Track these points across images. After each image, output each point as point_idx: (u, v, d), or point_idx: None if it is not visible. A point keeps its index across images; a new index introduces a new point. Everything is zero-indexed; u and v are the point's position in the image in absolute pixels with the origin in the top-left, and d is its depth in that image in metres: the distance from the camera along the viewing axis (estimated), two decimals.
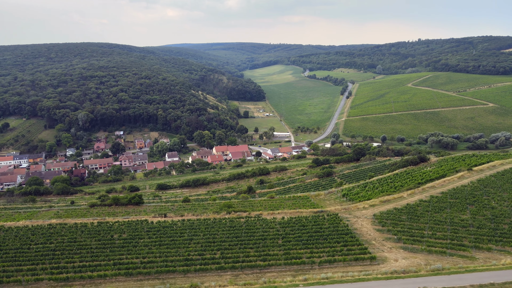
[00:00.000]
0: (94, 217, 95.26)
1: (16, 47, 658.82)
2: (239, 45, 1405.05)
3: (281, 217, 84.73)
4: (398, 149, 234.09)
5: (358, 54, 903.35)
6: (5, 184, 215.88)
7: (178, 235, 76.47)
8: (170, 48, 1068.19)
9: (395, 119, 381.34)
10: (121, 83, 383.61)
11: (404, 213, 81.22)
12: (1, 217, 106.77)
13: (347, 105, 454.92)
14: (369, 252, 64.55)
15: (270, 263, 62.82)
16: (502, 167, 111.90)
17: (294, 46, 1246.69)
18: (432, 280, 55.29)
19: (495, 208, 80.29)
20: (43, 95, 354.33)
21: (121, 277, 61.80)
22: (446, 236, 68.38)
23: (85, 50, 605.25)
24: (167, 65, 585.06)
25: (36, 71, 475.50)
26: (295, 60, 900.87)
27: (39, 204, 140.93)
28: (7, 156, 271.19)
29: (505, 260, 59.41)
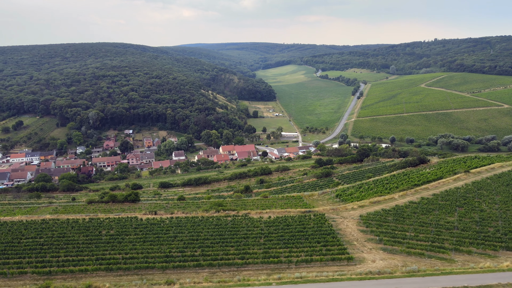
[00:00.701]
0: (88, 213, 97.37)
1: (34, 47, 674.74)
2: (253, 45, 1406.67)
3: (268, 216, 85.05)
4: (404, 151, 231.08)
5: (372, 54, 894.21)
6: (16, 180, 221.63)
7: (163, 232, 77.60)
8: (184, 48, 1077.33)
9: (405, 120, 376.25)
10: (132, 83, 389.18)
11: (391, 215, 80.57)
12: (1, 212, 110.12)
13: (358, 106, 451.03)
14: (347, 252, 64.38)
15: (248, 262, 63.31)
16: (501, 169, 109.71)
17: (308, 46, 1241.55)
18: (405, 282, 54.95)
19: (484, 211, 78.88)
20: (56, 94, 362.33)
21: (102, 272, 63.21)
22: (428, 238, 67.64)
23: (100, 50, 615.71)
24: (179, 64, 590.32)
25: (51, 70, 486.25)
26: (308, 60, 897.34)
27: (42, 200, 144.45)
28: (19, 153, 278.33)
29: (483, 264, 58.49)
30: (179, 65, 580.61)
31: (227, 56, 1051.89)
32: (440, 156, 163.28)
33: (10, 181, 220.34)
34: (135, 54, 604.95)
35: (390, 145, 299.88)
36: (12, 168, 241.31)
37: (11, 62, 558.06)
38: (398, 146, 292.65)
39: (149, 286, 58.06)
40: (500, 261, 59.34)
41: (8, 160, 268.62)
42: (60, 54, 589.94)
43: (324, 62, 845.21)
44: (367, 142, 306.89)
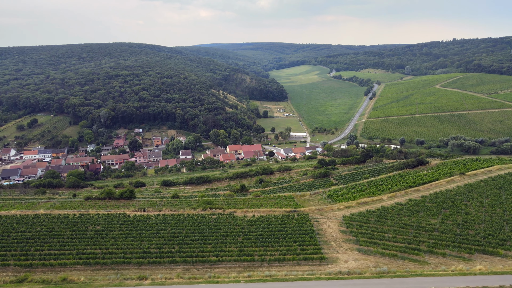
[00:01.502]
0: (80, 209, 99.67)
1: (52, 47, 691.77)
2: (268, 45, 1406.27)
3: (252, 215, 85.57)
4: (411, 152, 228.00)
5: (388, 54, 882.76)
6: (26, 176, 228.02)
7: (147, 229, 79.05)
8: (199, 48, 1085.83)
9: (417, 121, 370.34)
10: (143, 82, 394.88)
11: (374, 216, 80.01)
12: (2, 207, 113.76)
13: (369, 106, 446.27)
14: (321, 252, 64.43)
15: (222, 259, 64.04)
16: (497, 172, 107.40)
17: (323, 46, 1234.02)
18: (373, 283, 54.76)
19: (470, 213, 77.51)
20: (70, 93, 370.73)
21: (80, 266, 64.99)
22: (406, 239, 67.03)
23: (115, 50, 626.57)
24: (192, 64, 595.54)
25: (67, 70, 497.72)
26: (322, 60, 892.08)
27: (47, 196, 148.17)
28: (32, 150, 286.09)
29: (455, 267, 57.71)
30: (192, 65, 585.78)
31: (242, 56, 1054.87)
32: (442, 158, 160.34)
33: (21, 177, 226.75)
34: (149, 54, 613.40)
35: (400, 147, 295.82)
36: (24, 165, 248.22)
37: (29, 62, 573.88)
38: (408, 148, 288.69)
39: (122, 280, 59.43)
40: (474, 265, 58.39)
41: (22, 157, 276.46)
42: (77, 54, 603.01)
43: (338, 62, 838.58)
44: (376, 143, 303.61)
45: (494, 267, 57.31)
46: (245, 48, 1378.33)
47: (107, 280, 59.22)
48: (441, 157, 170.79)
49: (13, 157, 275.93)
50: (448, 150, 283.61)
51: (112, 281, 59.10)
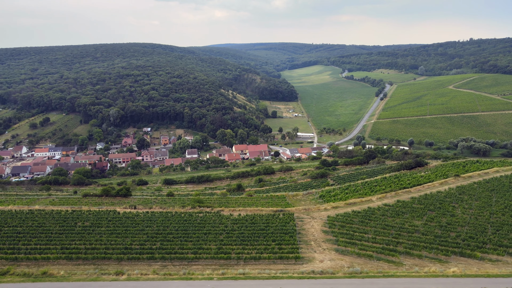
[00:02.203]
0: (77, 205, 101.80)
1: (68, 48, 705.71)
2: (281, 45, 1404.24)
3: (238, 214, 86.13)
4: (416, 153, 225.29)
5: (402, 54, 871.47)
6: (36, 173, 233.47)
7: (133, 225, 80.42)
8: (212, 48, 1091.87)
9: (428, 123, 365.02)
10: (153, 82, 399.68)
11: (359, 216, 79.64)
12: (3, 202, 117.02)
13: (380, 107, 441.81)
14: (297, 251, 64.59)
15: (199, 256, 64.81)
16: (494, 174, 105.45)
17: (336, 47, 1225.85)
18: (343, 282, 54.71)
19: (455, 215, 76.43)
20: (82, 92, 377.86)
21: (62, 260, 66.61)
22: (385, 240, 66.58)
23: (128, 50, 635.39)
24: (203, 64, 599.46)
25: (81, 69, 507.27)
26: (335, 60, 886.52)
27: (49, 193, 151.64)
28: (43, 148, 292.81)
29: (429, 268, 57.15)
30: (203, 65, 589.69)
31: (254, 56, 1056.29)
32: (443, 160, 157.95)
33: (30, 174, 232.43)
34: (161, 54, 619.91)
35: (408, 148, 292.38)
36: (34, 162, 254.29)
37: (45, 62, 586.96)
38: (416, 149, 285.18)
39: (99, 275, 60.75)
40: (449, 267, 57.71)
41: (33, 154, 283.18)
42: (91, 54, 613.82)
43: (351, 63, 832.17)
44: (383, 144, 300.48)
45: (469, 269, 56.56)
46: (258, 48, 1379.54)
47: (85, 275, 60.62)
48: (444, 158, 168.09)
49: (24, 155, 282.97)
50: (457, 152, 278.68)
51: (90, 275, 60.47)
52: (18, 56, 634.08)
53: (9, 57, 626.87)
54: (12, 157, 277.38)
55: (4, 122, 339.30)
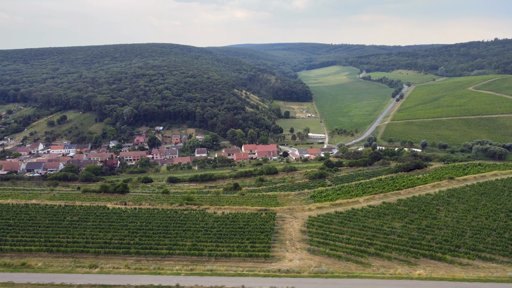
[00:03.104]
0: (74, 200, 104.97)
1: (89, 48, 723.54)
2: (300, 45, 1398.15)
3: (221, 212, 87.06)
4: (426, 156, 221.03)
5: (423, 54, 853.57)
6: (49, 169, 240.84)
7: (118, 221, 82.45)
8: (230, 48, 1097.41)
9: (443, 125, 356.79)
10: (167, 82, 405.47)
11: (341, 217, 79.26)
12: (7, 196, 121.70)
13: (395, 108, 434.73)
14: (268, 250, 64.96)
15: (172, 252, 66.06)
16: (490, 178, 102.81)
17: (355, 47, 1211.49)
18: (305, 282, 54.87)
19: (437, 218, 75.06)
20: (99, 91, 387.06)
21: (43, 252, 69.11)
22: (359, 241, 66.14)
23: (146, 50, 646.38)
24: (219, 64, 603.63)
25: (99, 69, 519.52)
26: (353, 61, 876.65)
27: (57, 188, 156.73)
28: (59, 145, 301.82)
29: (395, 270, 56.58)
30: (218, 65, 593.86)
31: (272, 57, 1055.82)
32: (444, 162, 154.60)
33: (44, 170, 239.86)
34: (178, 54, 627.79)
35: (421, 150, 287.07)
36: (49, 158, 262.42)
37: (67, 62, 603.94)
38: (429, 152, 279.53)
39: (74, 268, 62.77)
40: (416, 269, 56.94)
41: (49, 151, 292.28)
42: (110, 54, 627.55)
43: (369, 63, 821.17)
44: (395, 146, 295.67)
45: (436, 273, 55.66)
46: (276, 48, 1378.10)
47: (60, 267, 62.75)
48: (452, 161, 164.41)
49: (41, 151, 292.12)
50: (472, 155, 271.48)
51: (65, 267, 62.55)
52: (42, 56, 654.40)
53: (33, 57, 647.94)
54: (29, 154, 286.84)
55: (24, 120, 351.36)
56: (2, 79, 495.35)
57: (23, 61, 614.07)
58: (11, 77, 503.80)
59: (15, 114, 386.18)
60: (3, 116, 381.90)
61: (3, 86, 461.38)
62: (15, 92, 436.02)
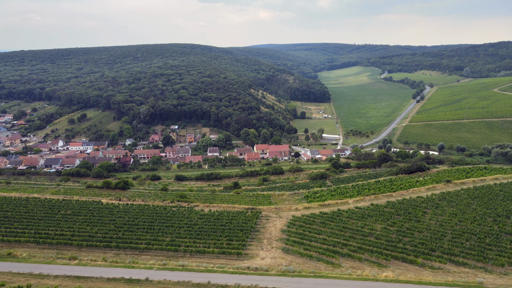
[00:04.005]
0: (70, 195, 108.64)
1: (113, 48, 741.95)
2: (322, 45, 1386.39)
3: (209, 209, 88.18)
4: (439, 159, 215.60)
5: (448, 55, 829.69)
6: (66, 165, 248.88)
7: (107, 215, 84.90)
8: (251, 48, 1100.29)
9: (463, 127, 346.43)
10: (184, 81, 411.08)
11: (324, 218, 78.91)
12: (13, 190, 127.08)
13: (414, 110, 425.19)
14: (242, 248, 65.51)
15: (150, 247, 67.66)
16: (490, 181, 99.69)
17: (379, 47, 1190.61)
18: (271, 280, 55.20)
19: (421, 221, 73.55)
20: (118, 90, 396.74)
21: (31, 244, 72.10)
22: (334, 242, 65.76)
23: (167, 50, 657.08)
24: (238, 64, 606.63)
25: (120, 69, 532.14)
26: (375, 61, 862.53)
27: (68, 183, 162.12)
28: (78, 142, 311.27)
29: (363, 271, 56.06)
30: (237, 65, 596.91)
31: (293, 57, 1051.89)
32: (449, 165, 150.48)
33: (61, 166, 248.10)
34: (198, 54, 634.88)
35: (438, 153, 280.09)
36: (66, 155, 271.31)
37: (91, 62, 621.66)
38: (447, 154, 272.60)
39: (55, 259, 65.27)
40: (385, 271, 56.21)
41: (68, 148, 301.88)
42: (132, 54, 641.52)
43: (392, 64, 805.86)
44: (410, 148, 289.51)
45: (404, 275, 54.80)
46: (298, 48, 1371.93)
47: (43, 258, 65.42)
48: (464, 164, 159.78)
49: (60, 148, 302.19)
50: (491, 159, 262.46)
51: (46, 258, 65.15)
52: (68, 56, 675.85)
53: (60, 57, 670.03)
54: (50, 150, 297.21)
55: (46, 117, 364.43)
56: (30, 78, 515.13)
57: (50, 61, 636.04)
58: (38, 76, 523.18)
59: (39, 112, 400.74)
60: (28, 114, 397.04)
61: (30, 85, 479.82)
62: (40, 90, 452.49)
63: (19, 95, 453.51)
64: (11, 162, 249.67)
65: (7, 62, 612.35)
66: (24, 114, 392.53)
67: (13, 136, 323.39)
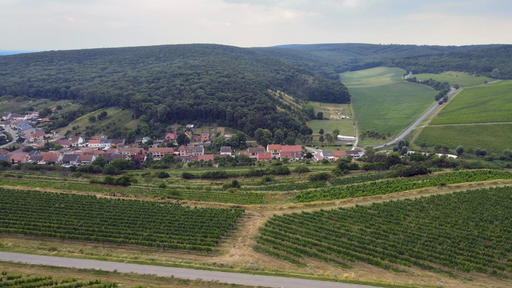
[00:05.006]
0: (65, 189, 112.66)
1: (137, 48, 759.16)
2: (346, 46, 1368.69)
3: (194, 206, 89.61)
4: (452, 162, 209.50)
5: (477, 55, 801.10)
6: (83, 161, 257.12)
7: (96, 209, 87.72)
8: (274, 49, 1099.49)
9: (486, 130, 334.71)
10: (202, 81, 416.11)
11: (305, 218, 78.77)
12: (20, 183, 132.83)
13: (436, 112, 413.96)
14: (213, 244, 66.41)
15: (127, 241, 69.64)
16: (487, 186, 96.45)
17: (405, 47, 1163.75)
18: (232, 276, 55.85)
19: (400, 223, 72.21)
20: (138, 89, 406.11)
21: (20, 234, 75.52)
22: (306, 242, 65.65)
23: (189, 50, 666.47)
24: (257, 65, 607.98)
25: (142, 68, 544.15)
26: (399, 62, 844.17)
27: (80, 179, 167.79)
28: (97, 139, 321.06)
29: (324, 271, 55.83)
30: (257, 65, 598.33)
31: (315, 57, 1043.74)
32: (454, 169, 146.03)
33: (78, 162, 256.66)
34: (219, 54, 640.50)
35: (456, 156, 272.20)
36: (85, 151, 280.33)
37: (115, 61, 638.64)
38: (467, 158, 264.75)
39: (36, 249, 68.16)
40: (348, 272, 55.75)
41: (87, 145, 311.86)
42: (155, 54, 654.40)
43: (417, 64, 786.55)
44: (428, 151, 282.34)
45: (366, 277, 54.17)
46: (322, 49, 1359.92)
47: (25, 248, 68.47)
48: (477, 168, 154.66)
49: (80, 145, 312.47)
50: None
51: (29, 248, 68.15)
52: (94, 56, 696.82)
53: (87, 57, 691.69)
54: (70, 147, 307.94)
55: (69, 115, 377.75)
56: (57, 77, 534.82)
57: (77, 61, 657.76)
58: (64, 75, 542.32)
59: (64, 110, 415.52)
60: (53, 112, 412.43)
61: (57, 83, 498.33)
62: (66, 89, 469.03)
63: (46, 94, 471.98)
64: (32, 157, 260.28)
65: (37, 62, 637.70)
66: (49, 112, 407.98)
67: (37, 133, 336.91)
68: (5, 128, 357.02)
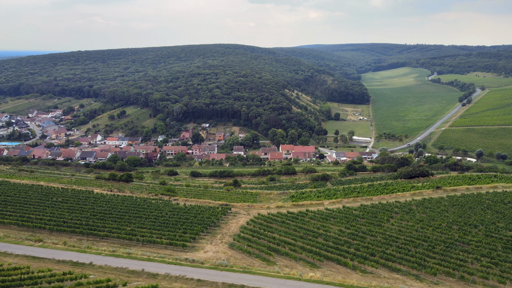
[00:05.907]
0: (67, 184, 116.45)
1: (159, 49, 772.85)
2: (370, 46, 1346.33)
3: (184, 203, 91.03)
4: (467, 165, 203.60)
5: (507, 56, 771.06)
6: (99, 158, 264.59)
7: (90, 204, 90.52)
8: (296, 49, 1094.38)
9: (509, 133, 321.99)
10: (219, 81, 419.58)
11: (288, 217, 78.73)
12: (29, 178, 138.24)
13: (458, 114, 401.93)
14: (188, 241, 67.48)
15: (109, 235, 71.70)
16: (485, 190, 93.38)
17: (431, 47, 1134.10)
18: (200, 272, 56.73)
19: (381, 225, 71.10)
20: (156, 89, 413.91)
21: (13, 226, 78.94)
22: (280, 241, 65.73)
23: (210, 50, 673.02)
24: (277, 65, 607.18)
25: (163, 68, 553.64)
26: (424, 62, 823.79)
27: (89, 175, 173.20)
28: (114, 137, 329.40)
29: (291, 270, 55.86)
30: (276, 65, 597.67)
31: (337, 57, 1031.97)
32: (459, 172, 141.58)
33: (94, 159, 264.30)
34: (239, 54, 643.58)
35: (476, 160, 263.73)
36: (102, 149, 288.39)
37: (138, 61, 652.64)
38: (487, 162, 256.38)
39: (24, 240, 71.13)
40: (315, 271, 55.56)
41: (105, 142, 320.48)
42: (176, 54, 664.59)
43: (442, 65, 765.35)
44: (445, 154, 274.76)
45: (330, 277, 53.84)
46: (345, 49, 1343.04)
47: (15, 238, 71.62)
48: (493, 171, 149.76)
49: (98, 142, 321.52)
50: None
51: (17, 239, 71.24)
52: (118, 56, 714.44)
53: (111, 57, 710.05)
54: (89, 144, 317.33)
55: (90, 113, 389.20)
56: (81, 76, 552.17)
57: (102, 61, 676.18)
58: (88, 75, 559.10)
59: (86, 108, 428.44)
60: (76, 110, 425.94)
61: (81, 82, 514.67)
62: (89, 88, 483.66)
63: (70, 92, 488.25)
64: (52, 154, 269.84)
65: (64, 61, 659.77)
66: (72, 110, 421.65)
67: (59, 130, 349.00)
68: (30, 125, 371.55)
